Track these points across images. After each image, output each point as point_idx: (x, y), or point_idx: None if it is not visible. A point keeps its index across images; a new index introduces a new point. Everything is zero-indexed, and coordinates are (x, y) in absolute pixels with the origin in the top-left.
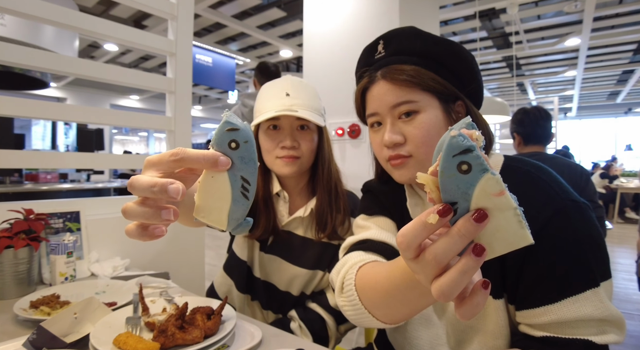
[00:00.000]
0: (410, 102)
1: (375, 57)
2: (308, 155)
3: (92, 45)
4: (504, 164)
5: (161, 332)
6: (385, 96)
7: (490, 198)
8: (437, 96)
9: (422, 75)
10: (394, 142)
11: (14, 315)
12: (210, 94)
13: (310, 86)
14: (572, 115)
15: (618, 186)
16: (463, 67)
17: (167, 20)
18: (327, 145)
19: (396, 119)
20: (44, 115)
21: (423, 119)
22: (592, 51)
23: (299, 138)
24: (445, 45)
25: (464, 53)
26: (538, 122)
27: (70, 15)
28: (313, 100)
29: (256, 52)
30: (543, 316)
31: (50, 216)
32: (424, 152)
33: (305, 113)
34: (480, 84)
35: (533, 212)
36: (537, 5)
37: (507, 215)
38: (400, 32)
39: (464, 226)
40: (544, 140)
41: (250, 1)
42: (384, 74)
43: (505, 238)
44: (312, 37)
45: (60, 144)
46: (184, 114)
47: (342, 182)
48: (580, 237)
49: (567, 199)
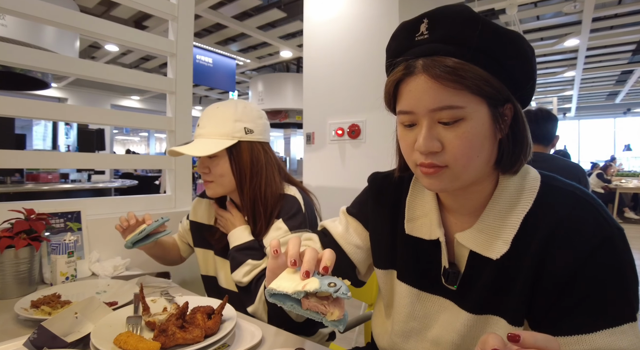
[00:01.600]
0: (456, 107)
1: (416, 39)
2: (220, 178)
3: (93, 45)
4: (544, 182)
5: (162, 332)
6: (425, 95)
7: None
8: (487, 100)
9: (475, 75)
10: (430, 150)
11: (15, 315)
12: (211, 94)
13: (225, 110)
14: (571, 116)
15: (617, 186)
16: (523, 67)
17: (168, 21)
18: (244, 161)
19: (435, 123)
20: (45, 116)
21: (467, 127)
22: (591, 52)
23: (209, 164)
24: (508, 39)
25: (526, 49)
26: (538, 122)
27: (71, 16)
28: (220, 126)
29: (256, 53)
30: (575, 345)
31: (51, 216)
32: (462, 164)
33: (191, 146)
34: (535, 83)
35: (581, 238)
36: (536, 6)
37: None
38: (451, 12)
39: None
40: (543, 141)
41: (251, 2)
42: (426, 67)
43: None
44: (312, 38)
45: (61, 144)
46: (184, 114)
47: (273, 189)
48: (623, 268)
49: (614, 226)
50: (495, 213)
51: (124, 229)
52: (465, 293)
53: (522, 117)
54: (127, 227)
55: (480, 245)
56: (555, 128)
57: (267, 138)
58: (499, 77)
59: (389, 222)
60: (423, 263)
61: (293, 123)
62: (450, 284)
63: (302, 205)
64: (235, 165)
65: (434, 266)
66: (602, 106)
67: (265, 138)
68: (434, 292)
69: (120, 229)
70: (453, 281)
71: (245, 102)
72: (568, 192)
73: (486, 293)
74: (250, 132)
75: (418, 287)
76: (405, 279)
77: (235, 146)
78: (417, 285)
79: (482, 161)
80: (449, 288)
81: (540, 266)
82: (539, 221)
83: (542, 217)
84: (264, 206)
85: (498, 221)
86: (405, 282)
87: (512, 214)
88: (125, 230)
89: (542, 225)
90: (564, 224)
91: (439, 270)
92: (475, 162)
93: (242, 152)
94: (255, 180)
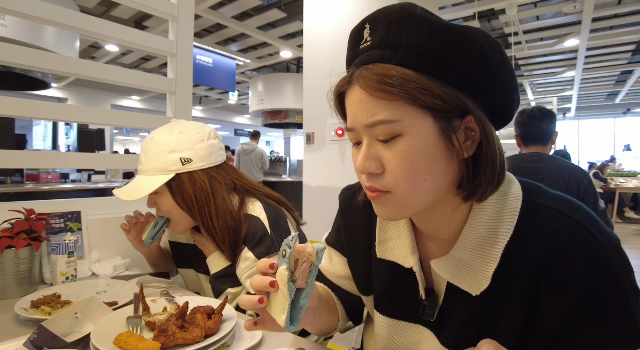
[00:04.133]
0: (389, 121)
1: (360, 47)
2: (170, 215)
3: (93, 45)
4: (526, 201)
5: (162, 332)
6: (359, 109)
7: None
8: (430, 112)
9: (409, 82)
10: (367, 170)
11: (15, 315)
12: (211, 94)
13: (159, 140)
14: (570, 116)
15: (617, 186)
16: (481, 66)
17: (168, 21)
18: (187, 194)
19: (374, 141)
20: (45, 116)
21: (406, 145)
22: (591, 52)
23: (155, 199)
24: (449, 35)
25: (481, 45)
26: (531, 122)
27: (71, 16)
28: (155, 161)
29: (256, 53)
30: None
31: (51, 216)
32: (405, 189)
33: (125, 189)
34: (511, 88)
35: (576, 271)
36: (536, 6)
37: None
38: (388, 12)
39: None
40: (539, 140)
41: (251, 2)
42: (358, 77)
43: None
44: (312, 38)
45: (61, 144)
46: (184, 114)
47: (227, 216)
48: (625, 291)
49: (610, 245)
50: (471, 241)
51: (130, 227)
52: (445, 326)
53: (488, 133)
54: (136, 223)
55: (457, 277)
56: (552, 125)
57: (213, 160)
58: (448, 82)
59: (363, 246)
60: (400, 290)
61: (293, 123)
62: (426, 317)
63: (268, 226)
64: (180, 200)
65: (411, 294)
66: (601, 106)
67: (210, 162)
68: (414, 320)
69: (127, 227)
70: (430, 315)
71: (183, 125)
72: (554, 213)
73: (467, 328)
74: (188, 161)
75: (395, 317)
76: (382, 308)
77: (174, 180)
78: (395, 315)
79: (432, 185)
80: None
81: (531, 303)
82: (524, 251)
83: (528, 247)
84: (221, 235)
85: (476, 251)
86: (382, 313)
87: (491, 244)
88: (131, 229)
89: (529, 256)
90: (554, 255)
91: (416, 298)
92: (423, 187)
93: (183, 184)
94: (205, 211)
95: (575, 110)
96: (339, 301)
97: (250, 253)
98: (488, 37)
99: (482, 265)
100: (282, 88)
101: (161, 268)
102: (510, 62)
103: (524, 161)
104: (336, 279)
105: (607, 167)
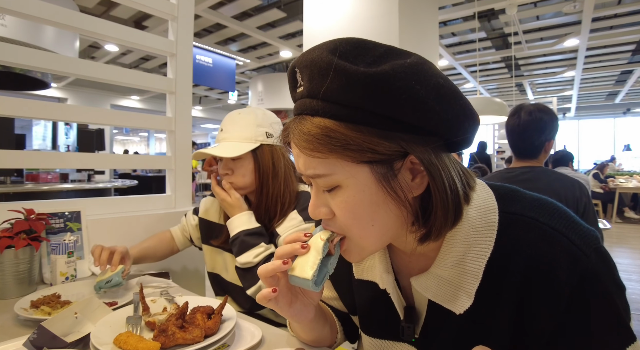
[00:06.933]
0: (324, 175)
1: (297, 91)
2: (242, 179)
3: (93, 45)
4: (502, 212)
5: (162, 332)
6: (298, 161)
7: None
8: (364, 162)
9: (335, 139)
10: (318, 217)
11: (15, 315)
12: (211, 94)
13: (247, 116)
14: (570, 116)
15: (617, 186)
16: (408, 109)
17: (168, 21)
18: (266, 163)
19: (320, 188)
20: (45, 116)
21: (345, 196)
22: (591, 52)
23: (232, 166)
24: (369, 85)
25: (405, 89)
26: (513, 135)
27: (70, 16)
28: (243, 130)
29: (256, 53)
30: None
31: (51, 216)
32: (356, 234)
33: (219, 149)
34: (457, 121)
35: (559, 281)
36: (536, 6)
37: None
38: (310, 61)
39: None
40: (528, 155)
41: (251, 2)
42: (292, 132)
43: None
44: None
45: (60, 144)
46: (184, 114)
47: (290, 189)
48: (610, 293)
49: (589, 250)
50: (451, 258)
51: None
52: (431, 344)
53: (434, 172)
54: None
55: (439, 295)
56: (542, 134)
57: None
58: (378, 128)
59: (343, 266)
60: (381, 310)
61: None
62: (407, 338)
63: None
64: (259, 167)
65: (393, 313)
66: (601, 106)
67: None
68: (399, 339)
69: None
70: (410, 335)
71: (262, 109)
72: (530, 222)
73: (453, 346)
74: (270, 136)
75: (380, 337)
76: (366, 329)
77: (258, 149)
78: (379, 334)
79: (382, 229)
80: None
81: (518, 318)
82: (504, 266)
83: (507, 262)
84: (282, 204)
85: (457, 268)
86: (367, 334)
87: (472, 260)
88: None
89: (510, 271)
90: (535, 269)
91: (398, 317)
92: (372, 232)
93: (264, 154)
94: (276, 181)
95: (575, 110)
96: (336, 317)
97: (298, 215)
98: (419, 75)
99: (464, 281)
100: (282, 88)
101: (154, 260)
102: (454, 94)
103: (512, 179)
104: (327, 301)
105: (607, 167)
